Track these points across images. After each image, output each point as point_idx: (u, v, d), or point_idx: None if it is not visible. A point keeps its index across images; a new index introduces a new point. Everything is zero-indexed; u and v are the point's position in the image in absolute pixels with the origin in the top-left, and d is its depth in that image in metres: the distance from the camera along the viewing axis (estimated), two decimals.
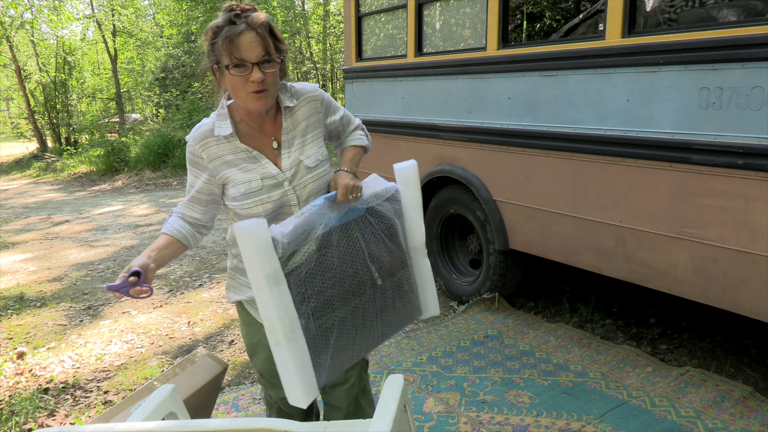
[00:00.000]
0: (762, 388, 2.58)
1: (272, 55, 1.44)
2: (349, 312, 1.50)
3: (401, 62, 3.81)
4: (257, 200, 1.52)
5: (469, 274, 3.81)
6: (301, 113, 1.61)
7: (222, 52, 1.41)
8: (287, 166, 1.56)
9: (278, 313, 1.34)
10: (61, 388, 2.89)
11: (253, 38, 1.40)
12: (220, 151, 1.54)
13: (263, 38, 1.41)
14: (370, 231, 1.55)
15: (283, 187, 1.54)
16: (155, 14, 20.15)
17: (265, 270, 1.32)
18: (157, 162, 11.77)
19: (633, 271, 2.61)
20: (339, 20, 17.23)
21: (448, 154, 3.52)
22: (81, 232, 6.71)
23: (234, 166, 1.53)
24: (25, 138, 17.74)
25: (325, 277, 1.43)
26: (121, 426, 1.18)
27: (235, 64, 1.40)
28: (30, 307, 4.12)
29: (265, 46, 1.42)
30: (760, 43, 2.03)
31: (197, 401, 1.83)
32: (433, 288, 1.75)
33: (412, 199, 1.68)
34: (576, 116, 2.71)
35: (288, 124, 1.59)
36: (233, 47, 1.39)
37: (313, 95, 1.64)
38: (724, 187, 2.20)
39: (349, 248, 1.49)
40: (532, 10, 5.36)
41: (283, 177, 1.54)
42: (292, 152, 1.57)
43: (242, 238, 1.32)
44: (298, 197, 1.56)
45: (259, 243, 1.32)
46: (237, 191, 1.52)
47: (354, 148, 1.75)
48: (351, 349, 1.52)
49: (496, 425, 2.36)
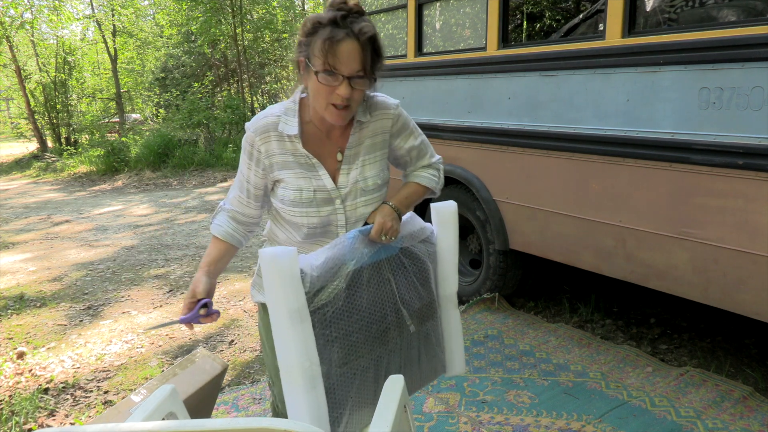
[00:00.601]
0: (762, 388, 2.58)
1: (368, 72, 1.32)
2: (372, 361, 1.37)
3: (401, 62, 3.82)
4: (303, 211, 1.41)
5: (469, 274, 3.81)
6: (370, 130, 1.47)
7: (316, 53, 1.28)
8: (344, 183, 1.43)
9: (298, 355, 1.21)
10: (61, 388, 2.89)
11: (354, 49, 1.27)
12: (281, 148, 1.41)
13: (364, 52, 1.29)
14: (402, 273, 1.43)
15: (334, 204, 1.42)
16: (155, 14, 20.15)
17: (290, 305, 1.20)
18: (157, 162, 11.77)
19: (633, 271, 2.61)
20: None
21: (448, 154, 3.52)
22: (81, 232, 6.71)
23: (290, 168, 1.41)
24: (25, 138, 17.73)
25: (352, 320, 1.31)
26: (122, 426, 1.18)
27: (326, 71, 1.28)
28: (30, 307, 4.12)
29: (364, 62, 1.30)
30: (760, 43, 2.03)
31: (197, 401, 1.83)
32: (461, 343, 1.61)
33: (449, 243, 1.54)
34: (576, 116, 2.71)
35: (354, 138, 1.45)
36: (330, 53, 1.26)
37: (389, 113, 1.50)
38: (724, 187, 2.20)
39: (380, 289, 1.38)
40: (532, 10, 5.36)
41: (337, 194, 1.43)
42: (351, 169, 1.44)
43: (268, 266, 1.20)
44: (347, 218, 1.44)
45: (286, 274, 1.20)
46: (286, 196, 1.41)
47: (415, 186, 1.57)
48: (370, 406, 1.37)
49: (496, 425, 2.36)
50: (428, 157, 1.61)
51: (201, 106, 13.20)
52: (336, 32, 1.26)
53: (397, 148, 1.55)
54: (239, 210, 1.50)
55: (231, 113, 12.67)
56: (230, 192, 1.53)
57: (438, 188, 1.61)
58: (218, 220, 1.51)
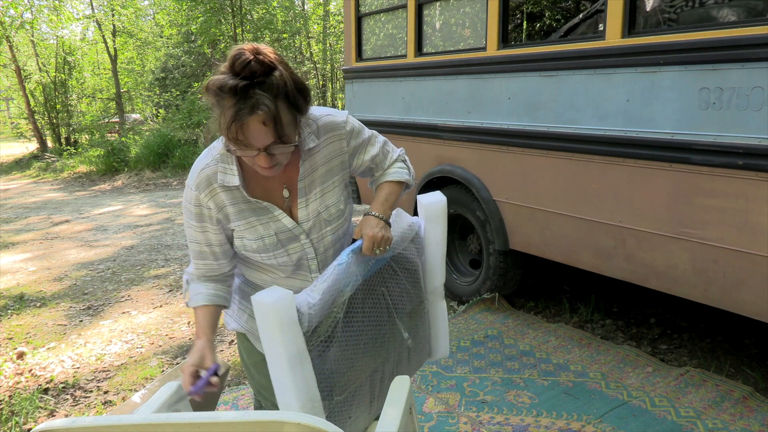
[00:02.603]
0: (762, 388, 2.58)
1: (286, 139, 1.17)
2: (367, 377, 1.33)
3: (401, 62, 3.82)
4: (271, 255, 1.34)
5: (469, 274, 3.81)
6: (322, 155, 1.35)
7: (224, 127, 1.14)
8: (304, 217, 1.35)
9: (299, 398, 1.16)
10: (61, 388, 2.89)
11: (260, 127, 1.13)
12: (230, 198, 1.31)
13: (275, 125, 1.14)
14: (394, 281, 1.39)
15: (299, 240, 1.35)
16: (155, 14, 20.15)
17: (289, 350, 1.13)
18: (157, 162, 11.78)
19: (633, 271, 2.61)
20: (339, 20, 17.22)
21: (448, 154, 3.52)
22: (81, 232, 6.71)
23: (244, 218, 1.32)
24: (25, 138, 17.74)
25: (350, 347, 1.26)
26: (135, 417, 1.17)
27: (238, 146, 1.17)
28: (30, 307, 4.12)
29: (276, 134, 1.15)
30: (760, 43, 2.03)
31: (199, 402, 1.83)
32: (446, 328, 1.58)
33: (437, 237, 1.48)
34: (576, 116, 2.71)
35: (306, 168, 1.34)
36: (237, 131, 1.13)
37: (339, 134, 1.37)
38: (724, 188, 2.20)
39: (375, 306, 1.33)
40: (532, 10, 5.36)
41: (300, 230, 1.35)
42: (309, 202, 1.35)
43: (264, 314, 1.12)
44: (316, 250, 1.38)
45: (285, 321, 1.12)
46: (249, 245, 1.34)
47: (390, 185, 1.45)
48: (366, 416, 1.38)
49: (496, 425, 2.36)
50: (393, 154, 1.51)
51: (201, 106, 13.20)
52: (239, 110, 1.11)
53: (360, 164, 1.44)
54: (212, 274, 1.38)
55: None
56: (191, 267, 1.40)
57: (412, 180, 1.52)
58: (194, 290, 1.37)
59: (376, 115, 4.04)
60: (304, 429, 0.88)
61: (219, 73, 1.16)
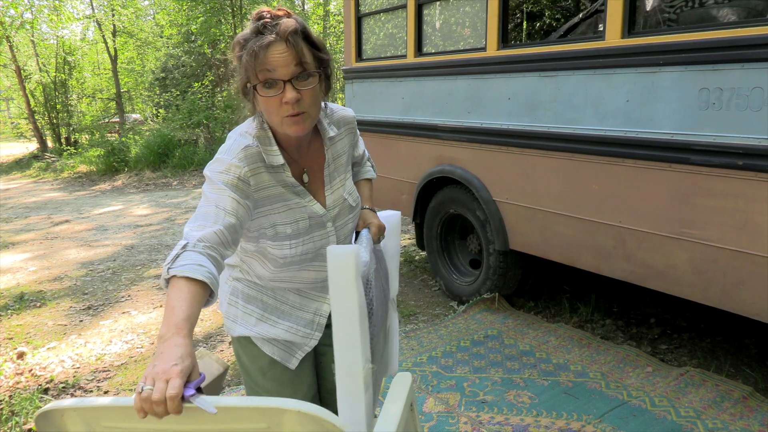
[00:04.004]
0: (762, 388, 2.58)
1: (308, 67, 1.20)
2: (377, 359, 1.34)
3: (401, 62, 3.82)
4: (299, 241, 1.33)
5: (469, 274, 3.82)
6: (341, 145, 1.42)
7: (248, 69, 1.19)
8: (331, 204, 1.38)
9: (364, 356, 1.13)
10: (61, 388, 2.89)
11: (283, 50, 1.17)
12: (272, 180, 1.29)
13: (296, 48, 1.18)
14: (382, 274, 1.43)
15: (325, 227, 1.37)
16: (155, 14, 20.15)
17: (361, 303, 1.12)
18: (157, 162, 11.78)
19: (633, 271, 2.61)
20: (339, 20, 17.23)
21: (448, 155, 3.52)
22: (81, 232, 6.71)
23: (280, 201, 1.31)
24: (25, 138, 17.73)
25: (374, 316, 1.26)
26: None
27: (264, 82, 1.19)
28: (30, 307, 4.12)
29: (299, 58, 1.18)
30: (760, 43, 2.03)
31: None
32: (397, 344, 1.59)
33: (393, 249, 1.55)
34: (576, 117, 2.71)
35: (330, 155, 1.39)
36: (259, 63, 1.17)
37: (351, 127, 1.46)
38: (724, 188, 2.20)
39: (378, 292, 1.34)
40: (532, 10, 5.36)
41: (328, 217, 1.37)
42: (335, 189, 1.39)
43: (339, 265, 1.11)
44: (338, 238, 1.40)
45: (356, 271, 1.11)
46: (282, 231, 1.31)
47: (369, 183, 1.60)
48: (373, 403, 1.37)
49: (496, 425, 2.36)
50: (361, 145, 1.59)
51: (201, 106, 13.19)
52: (259, 40, 1.17)
53: (356, 156, 1.55)
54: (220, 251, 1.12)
55: (231, 113, 12.67)
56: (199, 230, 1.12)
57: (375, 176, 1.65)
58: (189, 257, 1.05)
59: (376, 115, 4.04)
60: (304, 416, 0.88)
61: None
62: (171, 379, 0.85)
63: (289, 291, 1.45)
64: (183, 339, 0.92)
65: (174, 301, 0.98)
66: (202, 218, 1.15)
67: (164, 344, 0.91)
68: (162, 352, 0.90)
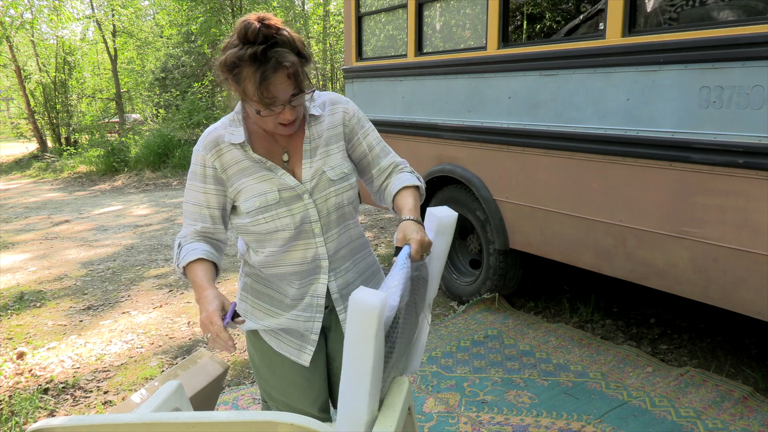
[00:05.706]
0: (762, 388, 2.57)
1: (304, 87, 1.29)
2: None
3: (401, 62, 3.81)
4: (273, 214, 1.36)
5: (469, 274, 3.81)
6: (326, 124, 1.46)
7: (251, 94, 1.24)
8: (308, 176, 1.40)
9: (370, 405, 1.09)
10: (61, 388, 2.89)
11: (283, 80, 1.23)
12: (234, 157, 1.38)
13: (294, 75, 1.24)
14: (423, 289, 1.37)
15: (302, 200, 1.39)
16: (155, 14, 20.15)
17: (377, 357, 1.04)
18: (157, 162, 11.77)
19: (633, 270, 2.61)
20: (339, 20, 17.23)
21: (448, 154, 3.52)
22: (81, 232, 6.71)
23: (249, 174, 1.38)
24: (25, 138, 17.73)
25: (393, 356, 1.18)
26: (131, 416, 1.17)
27: (266, 106, 1.26)
28: (30, 307, 4.12)
29: (296, 83, 1.26)
30: (761, 41, 2.02)
31: (199, 402, 1.83)
32: (423, 344, 1.53)
33: (441, 251, 1.45)
34: (576, 115, 2.70)
35: (311, 132, 1.43)
36: (265, 91, 1.22)
37: (342, 106, 1.48)
38: (725, 186, 2.19)
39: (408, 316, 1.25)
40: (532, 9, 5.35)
41: (302, 189, 1.39)
42: (314, 162, 1.41)
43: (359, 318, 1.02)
44: (319, 212, 1.40)
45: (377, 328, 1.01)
46: (251, 205, 1.36)
47: (413, 192, 1.45)
48: None
49: (496, 425, 2.36)
50: (392, 155, 1.55)
51: (201, 106, 13.21)
52: (264, 71, 1.20)
53: (357, 144, 1.50)
54: (208, 233, 1.41)
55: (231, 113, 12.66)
56: (185, 228, 1.42)
57: (422, 187, 1.51)
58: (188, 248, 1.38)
59: (377, 115, 4.04)
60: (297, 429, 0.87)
61: (230, 47, 1.24)
62: (213, 320, 1.20)
63: (287, 284, 1.46)
64: (207, 291, 1.27)
65: (194, 276, 1.33)
66: (188, 217, 1.42)
67: (199, 298, 1.28)
68: (200, 301, 1.27)
